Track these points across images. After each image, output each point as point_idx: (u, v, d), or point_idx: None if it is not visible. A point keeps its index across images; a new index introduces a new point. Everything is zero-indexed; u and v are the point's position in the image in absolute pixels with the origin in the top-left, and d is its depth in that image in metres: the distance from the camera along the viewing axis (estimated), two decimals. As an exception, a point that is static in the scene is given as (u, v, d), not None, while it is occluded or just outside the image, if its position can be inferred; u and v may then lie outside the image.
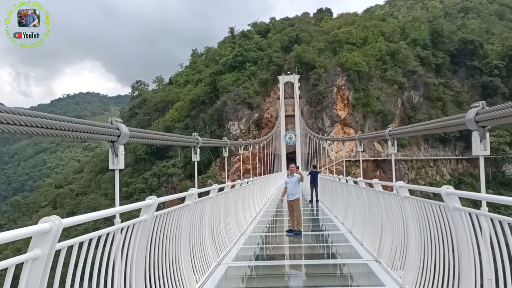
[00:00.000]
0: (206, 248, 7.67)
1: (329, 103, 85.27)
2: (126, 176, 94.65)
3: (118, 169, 4.39)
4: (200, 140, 8.02)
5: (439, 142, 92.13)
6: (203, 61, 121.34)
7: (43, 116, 3.70)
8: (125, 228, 4.00)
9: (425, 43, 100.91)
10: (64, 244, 2.81)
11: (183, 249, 5.99)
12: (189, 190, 6.19)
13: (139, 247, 4.31)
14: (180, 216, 5.78)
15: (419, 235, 5.72)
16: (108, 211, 3.81)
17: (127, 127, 4.52)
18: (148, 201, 4.33)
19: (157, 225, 4.81)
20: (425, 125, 5.88)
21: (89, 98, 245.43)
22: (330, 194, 18.17)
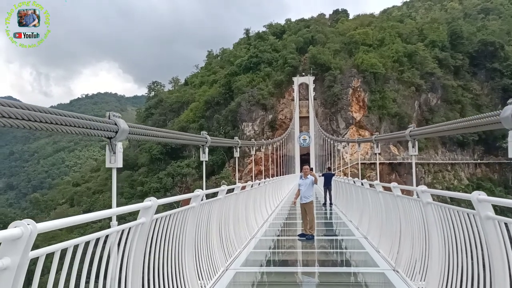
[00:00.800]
0: (214, 252, 7.31)
1: (344, 105, 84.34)
2: (141, 176, 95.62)
3: (115, 167, 4.05)
4: (209, 139, 7.66)
5: (457, 146, 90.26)
6: (218, 62, 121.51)
7: (35, 109, 3.41)
8: (119, 232, 3.65)
9: (444, 44, 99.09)
10: (40, 252, 2.45)
11: (187, 254, 5.63)
12: (194, 191, 5.84)
13: (136, 252, 3.96)
14: (184, 219, 5.42)
15: (443, 244, 5.25)
16: (103, 213, 3.48)
17: (127, 123, 4.19)
18: (146, 203, 3.98)
19: (157, 229, 4.45)
20: (452, 124, 5.36)
21: (107, 98, 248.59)
22: (345, 197, 17.65)
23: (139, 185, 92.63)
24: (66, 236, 51.02)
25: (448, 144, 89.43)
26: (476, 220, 4.11)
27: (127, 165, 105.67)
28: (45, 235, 28.27)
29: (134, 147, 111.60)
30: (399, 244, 7.47)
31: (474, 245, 4.33)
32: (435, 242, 5.50)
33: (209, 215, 7.12)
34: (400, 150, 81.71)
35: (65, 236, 52.54)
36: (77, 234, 44.65)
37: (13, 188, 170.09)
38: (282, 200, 24.24)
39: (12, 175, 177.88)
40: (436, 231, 5.45)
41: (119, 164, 4.03)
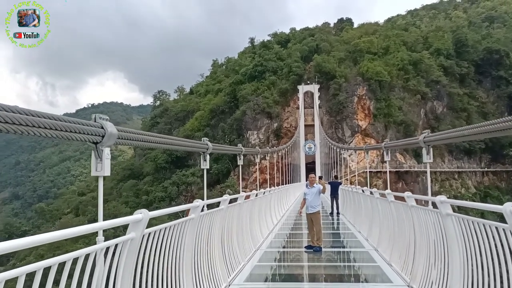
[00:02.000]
0: (216, 267, 6.84)
1: (349, 113, 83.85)
2: (146, 185, 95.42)
3: (102, 176, 3.63)
4: (210, 146, 7.25)
5: (464, 154, 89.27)
6: (223, 71, 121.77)
7: (13, 110, 3.02)
8: (103, 250, 3.22)
9: (449, 52, 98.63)
10: (4, 275, 2.04)
11: (185, 269, 5.18)
12: (194, 202, 5.40)
13: (125, 271, 3.52)
14: (181, 232, 4.98)
15: (465, 260, 4.76)
16: (88, 227, 3.07)
17: (116, 127, 3.79)
18: (136, 216, 3.54)
19: (150, 244, 4.01)
20: (473, 128, 4.88)
21: (112, 108, 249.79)
22: (353, 206, 17.12)
23: (144, 194, 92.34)
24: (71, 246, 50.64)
25: (455, 152, 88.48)
26: (507, 235, 3.64)
27: (132, 174, 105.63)
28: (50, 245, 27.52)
29: (140, 156, 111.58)
30: (413, 258, 6.96)
31: (504, 262, 3.86)
32: (456, 258, 5.01)
33: (210, 227, 6.67)
34: (406, 158, 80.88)
35: (70, 246, 52.23)
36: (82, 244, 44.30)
37: (18, 197, 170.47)
38: (287, 210, 23.71)
39: (18, 185, 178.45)
40: (458, 245, 4.96)
41: (106, 172, 3.61)
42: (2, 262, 65.62)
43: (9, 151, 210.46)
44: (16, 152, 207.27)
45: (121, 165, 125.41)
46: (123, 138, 3.88)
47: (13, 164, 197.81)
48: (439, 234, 5.67)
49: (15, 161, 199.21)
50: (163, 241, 4.37)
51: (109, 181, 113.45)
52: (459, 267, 4.92)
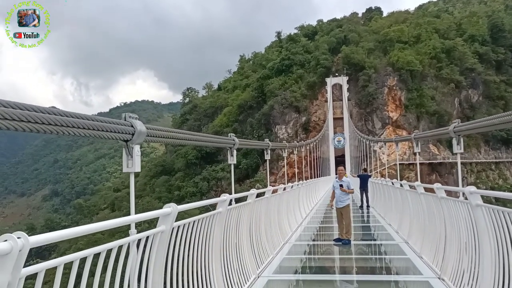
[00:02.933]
0: (244, 259, 6.98)
1: (379, 105, 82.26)
2: (178, 180, 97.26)
3: (133, 172, 3.81)
4: (237, 141, 7.37)
5: (501, 144, 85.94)
6: (250, 66, 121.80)
7: (48, 112, 3.22)
8: (134, 242, 3.40)
9: (484, 39, 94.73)
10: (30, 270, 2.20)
11: (215, 261, 5.33)
12: (221, 196, 5.55)
13: (156, 262, 3.70)
14: (209, 225, 5.13)
15: (496, 252, 4.68)
16: (121, 220, 3.26)
17: (145, 125, 3.96)
18: (165, 210, 3.71)
19: (179, 236, 4.18)
20: (505, 116, 4.67)
21: (144, 106, 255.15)
22: (383, 199, 16.91)
23: (176, 189, 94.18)
24: (108, 241, 52.38)
25: (492, 142, 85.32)
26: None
27: (164, 170, 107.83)
28: (88, 240, 28.67)
29: (171, 153, 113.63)
30: (444, 250, 6.87)
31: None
32: (487, 250, 4.93)
33: (238, 220, 6.80)
34: (440, 149, 78.67)
35: (107, 240, 54.03)
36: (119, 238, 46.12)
37: (58, 194, 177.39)
38: (317, 203, 23.65)
39: (57, 182, 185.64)
40: (488, 237, 4.88)
41: (137, 168, 3.79)
42: (44, 256, 68.56)
43: (48, 150, 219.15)
44: (54, 151, 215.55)
45: (153, 161, 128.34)
46: (151, 135, 4.05)
47: (51, 163, 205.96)
48: (469, 226, 5.58)
49: (53, 159, 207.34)
50: (192, 234, 4.52)
51: (142, 177, 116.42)
52: (490, 259, 4.84)
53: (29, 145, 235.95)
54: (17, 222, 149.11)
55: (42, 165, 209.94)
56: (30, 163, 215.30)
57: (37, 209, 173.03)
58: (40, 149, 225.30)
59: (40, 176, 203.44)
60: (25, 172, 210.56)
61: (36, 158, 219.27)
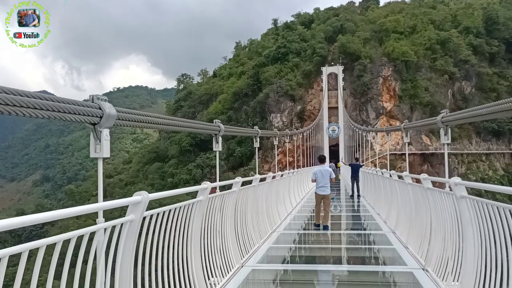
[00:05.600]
0: (228, 249, 6.86)
1: (374, 95, 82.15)
2: (171, 167, 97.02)
3: (101, 157, 3.62)
4: (222, 128, 7.19)
5: (492, 135, 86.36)
6: (246, 54, 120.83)
7: (13, 92, 3.04)
8: (104, 230, 3.25)
9: (479, 31, 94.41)
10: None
11: (194, 252, 5.19)
12: (201, 184, 5.38)
13: (125, 253, 3.54)
14: (188, 214, 4.97)
15: (479, 243, 4.59)
16: (88, 207, 3.11)
17: (115, 107, 3.76)
18: (135, 198, 3.53)
19: (152, 226, 4.02)
20: (492, 106, 4.55)
21: (138, 92, 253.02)
22: (373, 189, 16.87)
23: (169, 176, 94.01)
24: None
25: (483, 133, 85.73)
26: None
27: (157, 157, 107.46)
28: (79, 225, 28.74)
29: (165, 139, 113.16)
30: (429, 241, 6.80)
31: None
32: (470, 241, 4.84)
33: (222, 209, 6.66)
34: (432, 140, 78.93)
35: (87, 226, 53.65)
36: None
37: (49, 179, 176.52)
38: (308, 192, 23.62)
39: (48, 167, 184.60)
40: (472, 228, 4.78)
41: (105, 153, 3.60)
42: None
43: (39, 135, 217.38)
44: (46, 135, 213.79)
45: (146, 148, 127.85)
46: (122, 119, 3.85)
47: (43, 147, 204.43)
48: (454, 217, 5.49)
49: (44, 144, 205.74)
50: (167, 224, 4.36)
51: (136, 164, 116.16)
52: (473, 251, 4.74)
53: (20, 129, 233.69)
54: (6, 207, 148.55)
55: (33, 150, 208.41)
56: (21, 148, 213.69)
57: (27, 194, 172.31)
58: (31, 134, 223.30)
59: (31, 161, 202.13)
60: (15, 157, 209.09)
61: (26, 143, 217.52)
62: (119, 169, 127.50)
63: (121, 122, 3.85)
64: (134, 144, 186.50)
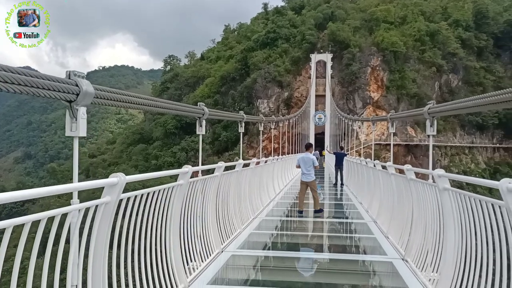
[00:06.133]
0: (209, 234, 6.79)
1: (362, 84, 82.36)
2: (155, 149, 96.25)
3: (77, 136, 3.46)
4: (207, 111, 7.04)
5: (476, 129, 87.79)
6: (235, 37, 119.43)
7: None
8: (79, 212, 3.12)
9: (468, 24, 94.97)
10: None
11: (173, 236, 5.09)
12: (182, 167, 5.25)
13: (99, 236, 3.42)
14: (167, 197, 4.85)
15: (460, 235, 4.60)
16: (62, 187, 2.98)
17: (94, 85, 3.59)
18: (112, 179, 3.39)
19: (129, 209, 3.89)
20: (479, 99, 4.53)
21: (123, 71, 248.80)
22: (356, 178, 16.97)
23: (153, 158, 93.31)
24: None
25: (467, 127, 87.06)
26: (503, 212, 3.42)
27: (142, 139, 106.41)
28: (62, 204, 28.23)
29: (149, 121, 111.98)
30: (410, 231, 6.83)
31: (498, 240, 3.69)
32: (450, 233, 4.85)
33: (203, 194, 6.56)
34: (417, 131, 79.88)
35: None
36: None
37: (31, 157, 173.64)
38: (292, 179, 23.69)
39: (30, 145, 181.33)
40: (453, 220, 4.79)
41: (81, 132, 3.44)
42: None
43: (21, 111, 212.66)
44: (28, 112, 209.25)
45: (131, 129, 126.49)
46: (101, 97, 3.68)
47: (25, 124, 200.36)
48: (435, 209, 5.49)
49: (27, 121, 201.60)
50: (145, 207, 4.24)
51: (119, 145, 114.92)
52: (454, 243, 4.76)
53: (1, 105, 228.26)
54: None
55: (15, 127, 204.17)
56: (2, 124, 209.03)
57: (8, 171, 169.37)
58: (13, 110, 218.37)
59: (13, 137, 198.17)
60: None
61: (8, 119, 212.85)
62: (102, 149, 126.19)
63: (99, 101, 3.68)
64: (118, 125, 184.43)
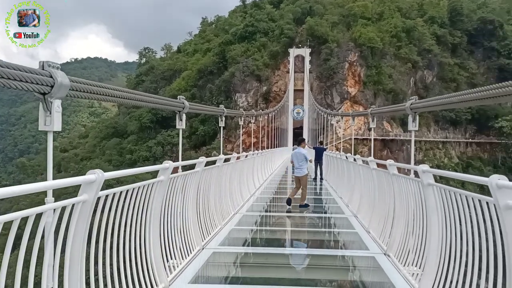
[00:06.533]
0: (189, 231, 6.62)
1: (339, 79, 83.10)
2: (130, 144, 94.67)
3: (51, 131, 3.24)
4: (187, 105, 6.85)
5: (450, 124, 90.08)
6: (212, 30, 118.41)
7: None
8: (46, 212, 2.91)
9: (443, 21, 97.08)
10: None
11: (153, 234, 4.91)
12: (163, 163, 5.07)
13: (76, 235, 3.22)
14: (147, 194, 4.66)
15: (445, 232, 4.60)
16: (36, 186, 2.77)
17: (69, 77, 3.37)
18: (89, 176, 3.19)
19: (107, 207, 3.69)
20: (461, 95, 4.54)
21: (97, 64, 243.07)
22: (336, 172, 17.05)
23: (128, 153, 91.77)
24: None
25: (441, 122, 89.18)
26: (495, 209, 3.38)
27: (116, 132, 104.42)
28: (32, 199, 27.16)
29: (124, 115, 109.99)
30: (392, 226, 6.84)
31: (484, 235, 3.68)
32: (434, 229, 4.84)
33: (183, 190, 6.38)
34: (393, 126, 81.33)
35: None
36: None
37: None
38: (272, 173, 23.67)
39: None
40: (437, 216, 4.78)
41: (56, 127, 3.22)
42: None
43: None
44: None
45: (104, 122, 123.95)
46: (77, 89, 3.46)
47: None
48: (419, 204, 5.49)
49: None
50: (124, 205, 4.05)
51: (92, 139, 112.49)
52: (437, 238, 4.75)
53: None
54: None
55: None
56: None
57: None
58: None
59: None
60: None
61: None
62: (74, 143, 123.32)
63: (75, 93, 3.46)
64: (91, 118, 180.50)
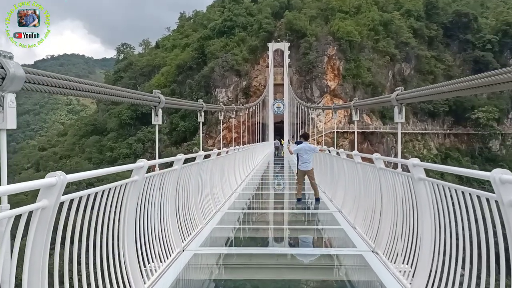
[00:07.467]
0: (168, 232, 6.25)
1: (319, 73, 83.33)
2: (110, 141, 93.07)
3: (4, 129, 2.84)
4: (163, 99, 6.46)
5: (428, 116, 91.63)
6: (191, 25, 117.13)
7: None
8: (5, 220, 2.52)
9: (419, 14, 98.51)
10: None
11: (127, 238, 4.54)
12: (137, 162, 4.69)
13: (35, 244, 2.84)
14: (119, 196, 4.28)
15: (439, 229, 4.38)
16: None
17: (24, 67, 2.97)
18: (49, 180, 2.80)
19: (72, 213, 3.31)
20: (448, 85, 4.33)
21: (73, 60, 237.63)
22: (319, 167, 16.85)
23: (108, 150, 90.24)
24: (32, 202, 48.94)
25: (420, 114, 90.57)
26: (500, 205, 3.11)
27: (95, 130, 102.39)
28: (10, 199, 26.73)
29: (103, 112, 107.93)
30: (379, 222, 6.62)
31: (483, 233, 3.46)
32: (427, 225, 4.62)
33: (161, 189, 6.00)
34: (372, 119, 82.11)
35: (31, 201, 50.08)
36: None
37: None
38: (253, 169, 23.38)
39: None
40: (430, 213, 4.55)
41: (10, 124, 2.83)
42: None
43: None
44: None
45: (83, 120, 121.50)
46: (35, 82, 3.06)
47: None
48: (409, 200, 5.26)
49: None
50: (93, 209, 3.67)
51: (71, 136, 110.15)
52: (430, 235, 4.53)
53: None
54: None
55: None
56: None
57: None
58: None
59: None
60: None
61: None
62: (53, 141, 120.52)
63: (32, 86, 3.05)
64: (69, 116, 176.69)
